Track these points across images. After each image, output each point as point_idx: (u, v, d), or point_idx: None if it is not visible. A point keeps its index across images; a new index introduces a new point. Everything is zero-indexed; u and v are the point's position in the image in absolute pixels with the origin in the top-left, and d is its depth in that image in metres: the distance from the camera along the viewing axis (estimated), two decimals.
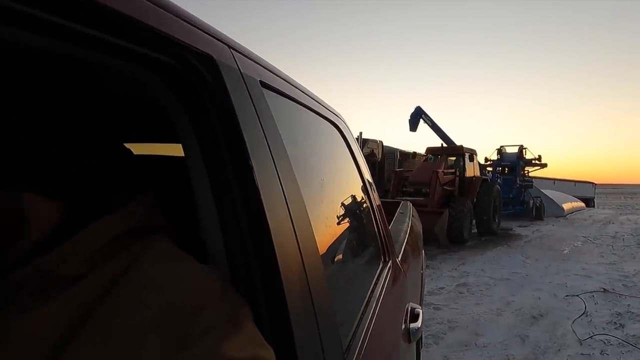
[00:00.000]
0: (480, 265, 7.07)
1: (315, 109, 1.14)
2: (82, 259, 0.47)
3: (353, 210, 1.40)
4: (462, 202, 9.57)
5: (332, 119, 1.34)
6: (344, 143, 1.46)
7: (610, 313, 4.70)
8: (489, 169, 15.76)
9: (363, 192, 1.54)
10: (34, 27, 0.36)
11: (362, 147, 13.20)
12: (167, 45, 0.48)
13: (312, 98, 1.14)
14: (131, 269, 0.47)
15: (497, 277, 6.25)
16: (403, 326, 1.41)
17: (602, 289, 5.64)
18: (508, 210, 13.96)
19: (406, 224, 2.51)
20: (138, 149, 1.11)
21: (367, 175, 1.67)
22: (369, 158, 14.24)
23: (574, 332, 4.09)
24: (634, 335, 4.03)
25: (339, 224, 1.13)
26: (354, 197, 1.47)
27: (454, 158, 11.22)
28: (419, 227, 3.04)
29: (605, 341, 3.90)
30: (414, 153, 13.94)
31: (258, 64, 0.75)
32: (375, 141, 14.84)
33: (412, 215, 2.91)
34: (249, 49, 0.74)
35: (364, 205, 1.52)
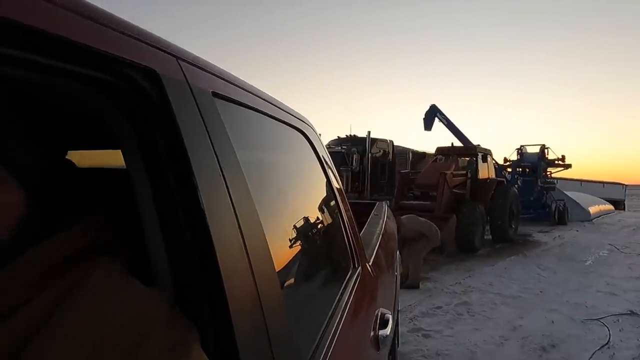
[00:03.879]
0: (488, 279, 6.30)
1: (277, 116, 1.11)
2: (19, 289, 0.44)
3: (319, 218, 1.38)
4: (474, 206, 8.76)
5: (297, 126, 1.31)
6: (311, 150, 1.43)
7: (637, 344, 3.92)
8: (509, 170, 14.96)
9: (331, 198, 1.52)
10: None
11: (371, 147, 12.56)
12: (100, 61, 0.46)
13: (274, 105, 1.11)
14: (71, 297, 0.44)
15: (505, 294, 5.49)
16: (372, 333, 1.36)
17: (629, 311, 4.83)
18: (529, 214, 13.20)
19: (380, 226, 2.42)
20: (82, 156, 1.06)
21: (336, 181, 1.63)
22: (379, 159, 13.62)
23: None
24: None
25: (301, 234, 1.10)
26: (320, 204, 1.45)
27: (467, 159, 10.44)
28: (394, 228, 2.96)
29: None
30: (424, 153, 13.14)
31: (211, 73, 0.73)
32: (385, 141, 14.17)
33: (387, 217, 2.80)
34: (202, 58, 0.72)
35: (332, 212, 1.49)
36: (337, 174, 1.71)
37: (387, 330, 1.43)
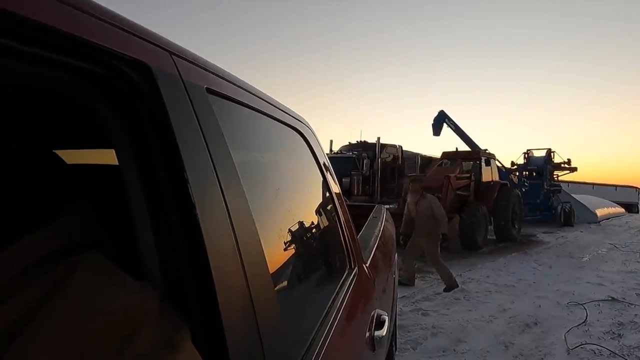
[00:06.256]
0: (487, 272, 6.88)
1: (274, 115, 1.11)
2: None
3: (315, 219, 1.39)
4: (476, 207, 9.34)
5: (294, 125, 1.32)
6: (308, 150, 1.43)
7: (611, 322, 4.48)
8: (517, 173, 15.36)
9: (328, 199, 1.52)
10: None
11: (381, 152, 13.16)
12: (92, 54, 0.46)
13: (270, 104, 1.11)
14: (56, 294, 0.41)
15: (500, 284, 6.07)
16: (367, 334, 1.37)
17: (610, 298, 5.37)
18: (535, 216, 13.61)
19: (378, 228, 2.49)
20: (71, 156, 1.09)
21: (333, 183, 1.65)
22: (388, 164, 14.20)
23: (565, 341, 3.93)
24: (629, 346, 3.84)
25: (297, 234, 1.10)
26: (316, 205, 1.47)
27: (471, 162, 10.99)
28: (392, 230, 3.01)
29: (596, 351, 3.73)
30: (430, 158, 13.71)
31: (205, 69, 0.73)
32: (394, 146, 14.74)
33: (386, 220, 2.87)
34: (196, 53, 0.72)
35: (328, 213, 1.50)
36: (334, 176, 1.70)
37: (383, 331, 1.44)
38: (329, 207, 1.52)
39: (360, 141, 14.49)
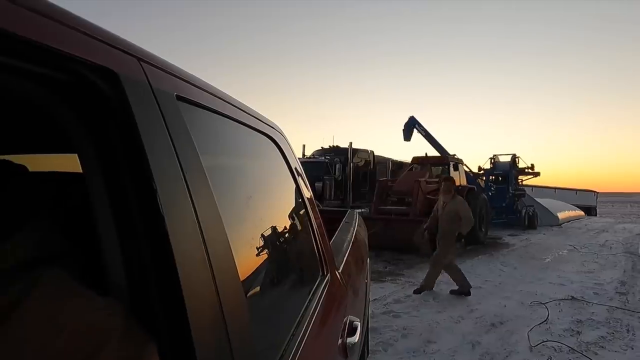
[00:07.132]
0: None
1: (246, 122, 1.11)
2: None
3: (287, 225, 1.40)
4: None
5: (267, 132, 1.32)
6: (280, 157, 1.44)
7: (570, 320, 4.70)
8: (484, 178, 15.85)
9: (300, 206, 1.53)
10: None
11: (353, 157, 13.32)
12: (57, 61, 0.45)
13: (243, 110, 1.10)
14: (14, 312, 0.40)
15: None
16: (340, 341, 1.38)
17: (570, 297, 5.63)
18: (501, 219, 14.06)
19: (350, 233, 2.52)
20: (35, 161, 1.08)
21: (306, 189, 1.65)
22: (360, 168, 14.39)
23: (529, 339, 4.10)
24: (587, 342, 4.04)
25: (269, 241, 1.09)
26: (289, 212, 1.48)
27: (440, 167, 11.28)
28: (364, 235, 3.05)
29: (557, 348, 3.91)
30: (401, 163, 14.01)
31: (175, 76, 0.72)
32: (366, 151, 14.97)
33: (358, 224, 2.92)
34: (167, 60, 0.72)
35: (301, 219, 1.50)
36: (307, 182, 1.70)
37: (355, 338, 1.46)
38: (301, 214, 1.52)
39: (333, 146, 14.65)
